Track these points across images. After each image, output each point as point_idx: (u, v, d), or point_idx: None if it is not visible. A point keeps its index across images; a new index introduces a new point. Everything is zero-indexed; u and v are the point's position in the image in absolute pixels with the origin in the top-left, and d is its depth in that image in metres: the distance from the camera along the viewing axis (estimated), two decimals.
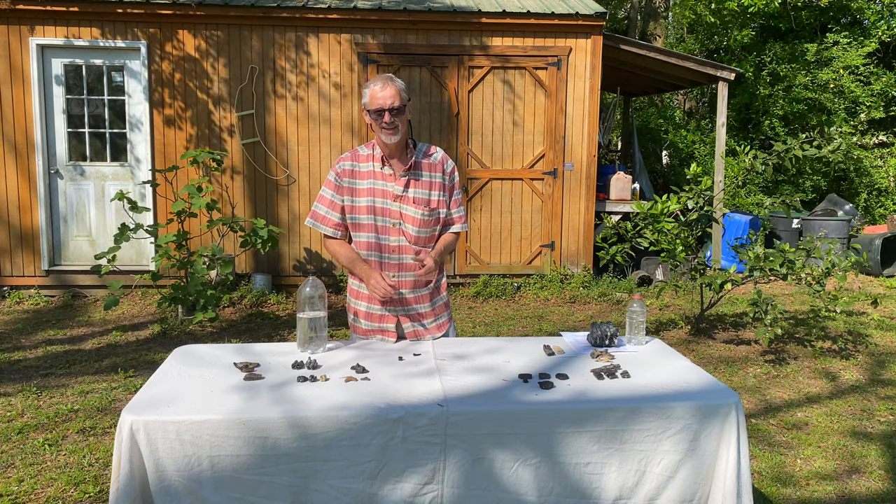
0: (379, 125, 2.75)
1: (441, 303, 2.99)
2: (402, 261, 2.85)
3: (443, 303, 3.00)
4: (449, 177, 2.91)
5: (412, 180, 2.84)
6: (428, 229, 2.87)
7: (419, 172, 2.86)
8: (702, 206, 5.92)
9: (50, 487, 3.46)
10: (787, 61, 13.42)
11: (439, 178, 2.89)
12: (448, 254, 2.99)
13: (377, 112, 2.74)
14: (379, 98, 2.73)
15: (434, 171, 2.88)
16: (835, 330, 6.39)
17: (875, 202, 12.52)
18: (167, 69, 7.34)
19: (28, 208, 7.31)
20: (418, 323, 2.93)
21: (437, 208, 2.88)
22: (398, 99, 2.73)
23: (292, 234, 7.64)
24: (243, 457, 2.05)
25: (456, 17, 7.48)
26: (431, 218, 2.87)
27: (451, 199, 2.93)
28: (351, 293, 2.99)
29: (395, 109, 2.72)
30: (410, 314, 2.91)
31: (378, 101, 2.73)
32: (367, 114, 2.79)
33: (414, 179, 2.84)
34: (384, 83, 2.74)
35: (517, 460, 2.13)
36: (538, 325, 6.48)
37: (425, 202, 2.85)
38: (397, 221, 2.83)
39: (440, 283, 3.00)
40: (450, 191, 2.93)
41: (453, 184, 2.93)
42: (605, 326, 2.78)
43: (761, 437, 4.12)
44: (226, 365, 2.48)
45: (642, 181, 10.25)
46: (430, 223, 2.87)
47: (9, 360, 5.41)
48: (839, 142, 5.58)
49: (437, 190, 2.87)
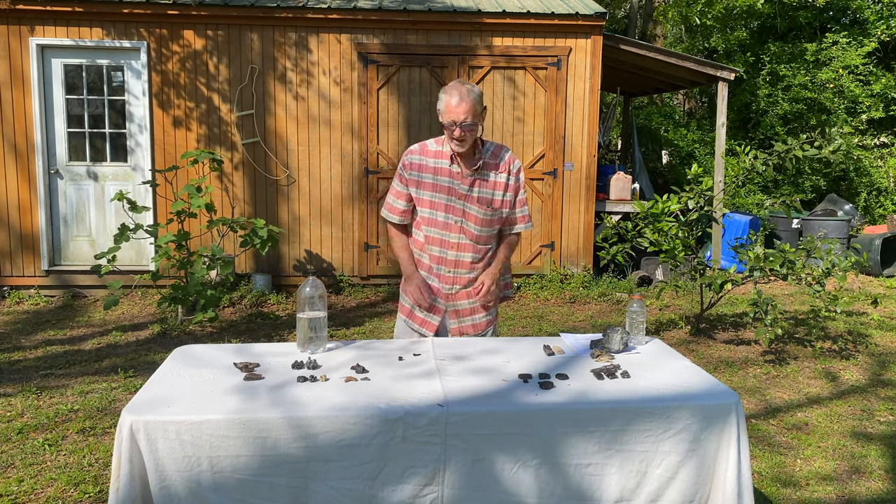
0: (450, 136, 2.79)
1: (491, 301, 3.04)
2: (460, 258, 2.91)
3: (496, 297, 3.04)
4: (515, 177, 2.95)
5: (479, 180, 2.88)
6: (489, 228, 2.92)
7: (486, 172, 2.89)
8: (702, 206, 5.92)
9: (50, 487, 3.45)
10: (786, 61, 13.42)
11: (504, 177, 2.92)
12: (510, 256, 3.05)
13: (449, 124, 2.76)
14: (453, 112, 2.75)
15: (500, 171, 2.91)
16: (835, 330, 6.39)
17: (875, 202, 12.52)
18: (167, 69, 7.34)
19: (28, 208, 7.31)
20: (468, 318, 2.98)
21: (501, 208, 2.92)
22: (472, 115, 2.75)
23: (292, 234, 7.64)
24: (243, 457, 2.05)
25: (456, 17, 7.48)
26: (494, 217, 2.91)
27: (515, 198, 2.97)
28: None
29: (466, 125, 2.75)
30: (459, 310, 2.96)
31: (451, 115, 2.75)
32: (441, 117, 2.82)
33: (481, 179, 2.88)
34: (461, 98, 2.75)
35: (517, 461, 2.13)
36: (538, 326, 6.48)
37: (489, 202, 2.89)
38: (460, 219, 2.88)
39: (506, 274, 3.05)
40: (515, 190, 2.96)
41: (518, 184, 2.97)
42: (620, 329, 2.72)
43: (761, 438, 4.12)
44: (226, 365, 2.48)
45: (642, 181, 10.25)
46: (493, 222, 2.92)
47: (9, 360, 5.41)
48: (840, 142, 5.58)
49: (500, 190, 2.91)
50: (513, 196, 2.95)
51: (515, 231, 3.02)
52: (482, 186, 2.88)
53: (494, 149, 2.94)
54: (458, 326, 2.99)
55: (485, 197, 2.88)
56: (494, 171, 2.91)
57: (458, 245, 2.89)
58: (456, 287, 2.93)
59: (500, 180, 2.91)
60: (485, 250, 2.92)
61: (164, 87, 7.36)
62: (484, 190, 2.88)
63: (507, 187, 2.92)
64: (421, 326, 3.02)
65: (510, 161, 2.94)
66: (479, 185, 2.88)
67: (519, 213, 2.99)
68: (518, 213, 2.99)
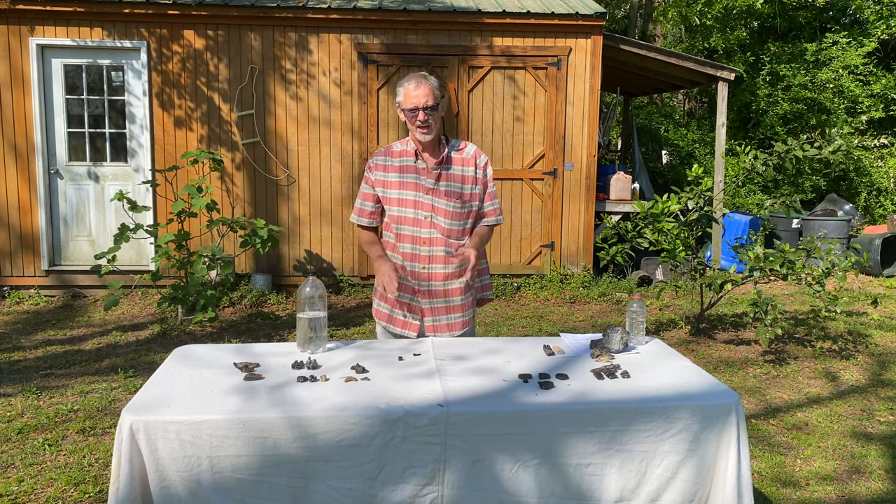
0: (413, 123, 2.81)
1: (469, 300, 3.02)
2: (433, 253, 2.90)
3: (470, 301, 3.03)
4: (482, 171, 2.96)
5: (444, 173, 2.89)
6: (460, 222, 2.91)
7: (451, 166, 2.90)
8: (702, 206, 5.92)
9: (50, 487, 3.45)
10: (786, 61, 13.42)
11: (472, 171, 2.93)
12: (483, 246, 3.03)
13: (412, 110, 2.79)
14: (413, 97, 2.78)
15: (466, 164, 2.93)
16: (835, 330, 6.39)
17: (875, 202, 12.52)
18: (168, 69, 7.34)
19: (28, 208, 7.31)
20: (444, 317, 2.95)
21: (470, 201, 2.92)
22: (432, 97, 2.79)
23: (292, 234, 7.64)
24: (243, 457, 2.05)
25: (456, 17, 7.48)
26: (463, 211, 2.91)
27: (485, 192, 2.97)
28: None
29: (429, 108, 2.78)
30: (434, 308, 2.94)
31: (412, 99, 2.78)
32: (402, 112, 2.84)
33: (446, 172, 2.89)
34: (418, 82, 2.79)
35: (517, 461, 2.13)
36: (538, 326, 6.48)
37: (457, 195, 2.89)
38: (429, 214, 2.87)
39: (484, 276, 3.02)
40: (483, 184, 2.96)
41: (486, 178, 2.97)
42: (620, 329, 2.72)
43: (761, 438, 4.12)
44: (226, 365, 2.48)
45: (642, 181, 10.25)
46: (462, 216, 2.91)
47: (9, 361, 5.41)
48: (840, 142, 5.58)
49: (469, 183, 2.92)
50: (482, 190, 2.95)
51: (487, 224, 3.01)
52: (449, 179, 2.88)
53: (460, 144, 2.96)
54: (432, 325, 2.96)
55: (453, 190, 2.88)
56: (461, 164, 2.91)
57: (430, 240, 2.88)
58: (433, 284, 2.92)
59: (467, 173, 2.91)
60: (457, 245, 2.91)
61: (165, 87, 7.36)
62: (451, 183, 2.88)
63: (476, 180, 2.92)
64: (403, 329, 2.97)
65: (476, 155, 2.95)
66: (446, 179, 2.88)
67: (489, 206, 2.98)
68: (488, 206, 2.98)
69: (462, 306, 2.99)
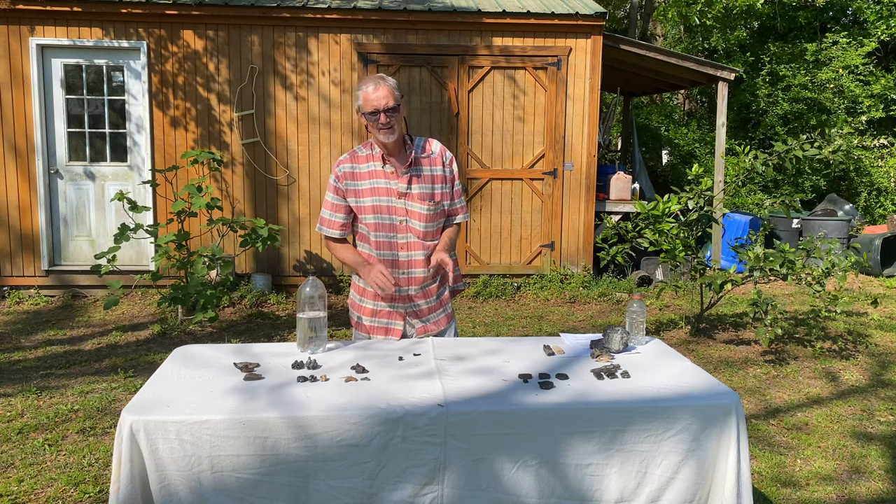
0: (375, 126, 2.76)
1: (445, 294, 3.02)
2: (412, 258, 2.88)
3: (446, 294, 3.03)
4: (449, 168, 2.93)
5: (414, 177, 2.85)
6: (434, 223, 2.90)
7: (420, 168, 2.87)
8: (702, 206, 5.92)
9: (50, 487, 3.45)
10: (786, 61, 13.42)
11: (440, 170, 2.90)
12: (455, 246, 3.02)
13: (372, 113, 2.75)
14: (373, 99, 2.73)
15: (434, 164, 2.90)
16: (835, 330, 6.39)
17: (875, 202, 12.52)
18: (168, 69, 7.34)
19: (28, 208, 7.31)
20: (425, 319, 2.96)
21: (442, 201, 2.90)
22: (392, 98, 2.74)
23: (292, 234, 7.64)
24: (243, 457, 2.05)
25: (456, 17, 7.48)
26: (437, 212, 2.89)
27: (452, 189, 2.95)
28: (356, 290, 3.00)
29: (389, 109, 2.74)
30: (418, 311, 2.94)
31: (372, 102, 2.73)
32: (363, 116, 2.80)
33: (416, 176, 2.85)
34: (376, 84, 2.75)
35: (517, 461, 2.13)
36: (538, 326, 6.48)
37: (430, 196, 2.86)
38: (404, 219, 2.85)
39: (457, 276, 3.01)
40: (451, 182, 2.94)
41: (453, 174, 2.95)
42: (620, 330, 2.72)
43: (761, 438, 4.12)
44: (226, 365, 2.48)
45: (642, 181, 10.25)
46: (436, 217, 2.90)
47: (9, 361, 5.41)
48: (840, 143, 5.58)
49: (439, 183, 2.89)
50: (450, 187, 2.93)
51: (456, 222, 2.99)
52: (420, 182, 2.85)
53: (424, 143, 2.92)
54: (422, 326, 2.96)
55: (425, 192, 2.85)
56: (429, 165, 2.88)
57: (408, 245, 2.86)
58: (413, 288, 2.90)
59: (436, 173, 2.89)
60: (432, 246, 2.90)
61: (164, 87, 7.36)
62: (423, 186, 2.85)
63: (445, 179, 2.91)
64: (387, 336, 2.95)
65: (442, 152, 2.92)
66: (417, 182, 2.85)
67: (458, 203, 2.97)
68: (457, 203, 2.97)
69: (441, 302, 3.00)
